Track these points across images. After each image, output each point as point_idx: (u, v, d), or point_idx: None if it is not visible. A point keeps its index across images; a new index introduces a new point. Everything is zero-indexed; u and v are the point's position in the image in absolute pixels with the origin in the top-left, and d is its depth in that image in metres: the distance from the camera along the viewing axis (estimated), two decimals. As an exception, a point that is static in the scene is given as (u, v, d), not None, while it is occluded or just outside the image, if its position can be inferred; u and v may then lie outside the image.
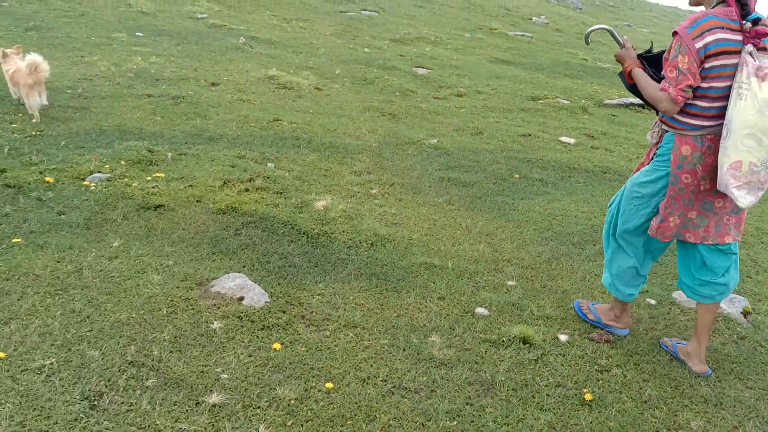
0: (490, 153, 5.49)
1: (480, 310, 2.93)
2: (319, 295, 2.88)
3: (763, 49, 2.23)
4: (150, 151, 4.37)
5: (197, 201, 3.74)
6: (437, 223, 3.93)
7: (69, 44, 7.06)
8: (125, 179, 3.89)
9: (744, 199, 2.25)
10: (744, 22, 2.18)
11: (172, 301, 2.67)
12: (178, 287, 2.77)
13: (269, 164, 4.54)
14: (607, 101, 8.00)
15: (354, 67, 8.13)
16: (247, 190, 3.96)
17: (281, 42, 9.03)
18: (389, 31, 11.31)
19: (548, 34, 15.22)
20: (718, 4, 2.27)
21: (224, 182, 4.03)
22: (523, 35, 13.62)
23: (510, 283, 3.23)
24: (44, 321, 2.42)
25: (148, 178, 3.95)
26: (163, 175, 4.01)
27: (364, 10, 13.11)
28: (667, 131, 2.45)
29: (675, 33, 2.26)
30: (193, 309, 2.63)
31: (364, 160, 4.97)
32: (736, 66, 2.21)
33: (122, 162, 4.09)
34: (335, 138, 5.40)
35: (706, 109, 2.31)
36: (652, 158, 2.55)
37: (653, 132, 2.55)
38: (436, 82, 7.97)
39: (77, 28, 7.78)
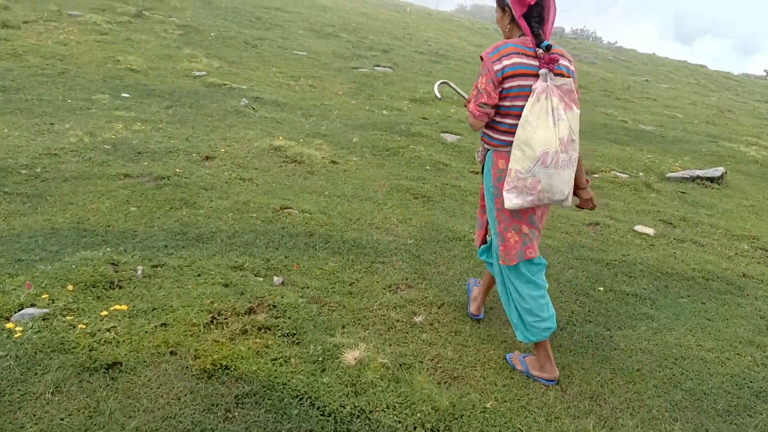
0: (557, 252, 4.38)
1: None
2: None
3: (560, 74, 2.51)
4: (113, 264, 3.26)
5: (171, 352, 2.60)
6: (515, 380, 2.77)
7: (38, 108, 6.07)
8: (69, 317, 2.75)
9: (510, 201, 2.56)
10: (537, 49, 2.47)
11: None
12: None
13: (276, 279, 3.42)
14: (670, 174, 6.95)
15: (373, 134, 7.14)
16: (244, 331, 2.82)
17: (289, 103, 8.08)
18: (407, 89, 10.43)
19: (574, 91, 14.41)
20: (520, 36, 2.57)
21: (212, 317, 2.89)
22: (550, 93, 12.78)
23: None
24: None
25: (104, 312, 2.81)
26: (125, 307, 2.87)
27: (378, 66, 12.31)
28: (488, 149, 2.73)
29: (482, 58, 2.56)
30: None
31: (399, 265, 3.85)
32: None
33: (69, 287, 2.96)
34: (360, 232, 4.30)
35: (514, 126, 2.56)
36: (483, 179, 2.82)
37: (479, 152, 2.84)
38: (470, 152, 6.94)
39: (52, 89, 6.83)
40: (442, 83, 3.17)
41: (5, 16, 9.39)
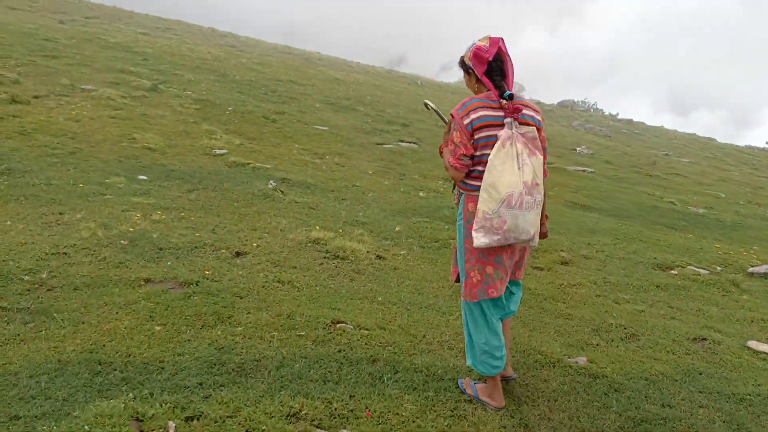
0: (674, 382, 3.62)
1: None
2: None
3: (525, 123, 2.81)
4: (138, 420, 2.52)
5: None
6: None
7: (46, 195, 5.47)
8: None
9: (478, 239, 2.79)
10: (501, 100, 2.78)
11: None
12: None
13: (345, 434, 2.67)
14: (752, 269, 6.25)
15: (416, 222, 6.50)
16: None
17: (318, 185, 7.50)
18: (438, 166, 9.91)
19: (603, 168, 13.97)
20: (486, 92, 2.86)
21: None
22: (583, 170, 12.31)
23: None
24: None
25: (129, 508, 2.05)
26: (158, 498, 2.11)
27: (402, 141, 11.90)
28: (461, 193, 3.00)
29: (452, 115, 2.87)
30: None
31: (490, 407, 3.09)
32: None
33: (82, 465, 2.21)
34: (431, 356, 3.57)
35: (482, 171, 2.80)
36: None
37: (455, 195, 3.12)
38: (526, 243, 6.28)
39: (62, 171, 6.25)
40: (430, 106, 3.37)
41: (15, 90, 9.00)
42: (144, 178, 6.54)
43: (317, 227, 5.74)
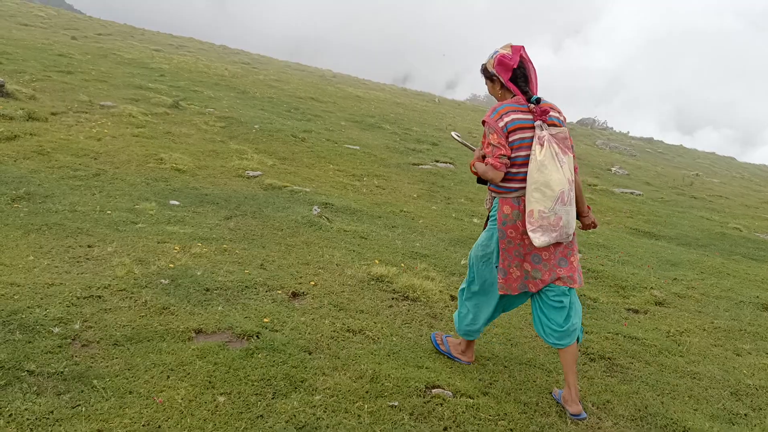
0: None
1: None
2: None
3: (553, 125, 2.94)
4: None
5: None
6: None
7: (71, 224, 4.85)
8: None
9: (538, 239, 2.88)
10: (529, 104, 2.94)
11: None
12: None
13: None
14: None
15: (481, 253, 5.86)
16: None
17: (363, 210, 6.88)
18: (482, 189, 9.28)
19: (645, 190, 13.30)
20: (512, 97, 3.02)
21: None
22: (631, 193, 11.65)
23: None
24: None
25: None
26: None
27: (438, 161, 11.29)
28: (495, 197, 3.13)
29: (484, 122, 3.00)
30: None
31: None
32: (532, 138, 2.91)
33: None
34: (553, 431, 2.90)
35: (516, 174, 2.98)
36: (487, 222, 3.25)
37: (487, 200, 3.25)
38: (609, 278, 5.61)
39: (87, 196, 5.65)
40: (456, 139, 3.58)
41: (32, 106, 8.47)
42: (176, 203, 5.93)
43: (376, 261, 5.10)
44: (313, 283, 4.45)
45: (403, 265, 5.15)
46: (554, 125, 2.94)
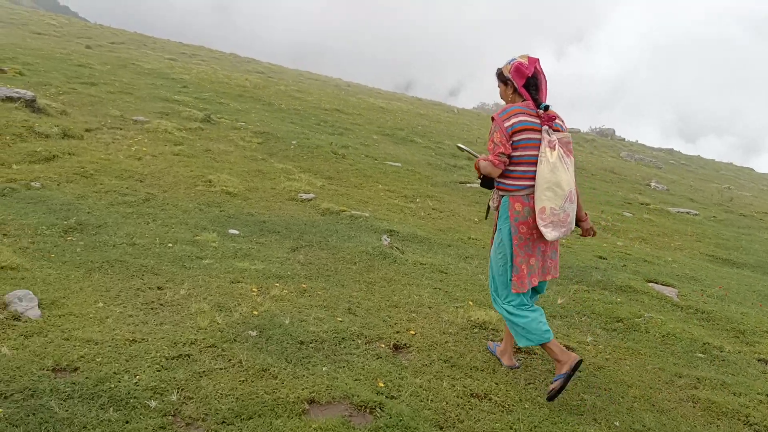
0: None
1: None
2: None
3: (557, 130, 3.25)
4: None
5: None
6: None
7: (133, 260, 4.39)
8: None
9: (550, 233, 3.17)
10: (538, 110, 3.22)
11: None
12: None
13: None
14: None
15: (574, 289, 5.37)
16: None
17: (431, 238, 6.41)
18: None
19: (695, 207, 12.81)
20: (522, 101, 3.30)
21: None
22: (687, 213, 11.16)
23: None
24: None
25: None
26: None
27: (482, 179, 10.82)
28: (503, 195, 3.37)
29: (493, 118, 3.26)
30: None
31: None
32: (539, 140, 3.19)
33: None
34: None
35: (525, 172, 3.24)
36: (497, 223, 3.45)
37: (493, 199, 3.46)
38: (722, 320, 5.11)
39: (142, 226, 5.19)
40: (463, 149, 3.78)
41: (65, 123, 8.04)
42: (236, 232, 5.47)
43: (470, 302, 4.63)
44: (412, 332, 3.97)
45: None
46: (557, 131, 3.26)
